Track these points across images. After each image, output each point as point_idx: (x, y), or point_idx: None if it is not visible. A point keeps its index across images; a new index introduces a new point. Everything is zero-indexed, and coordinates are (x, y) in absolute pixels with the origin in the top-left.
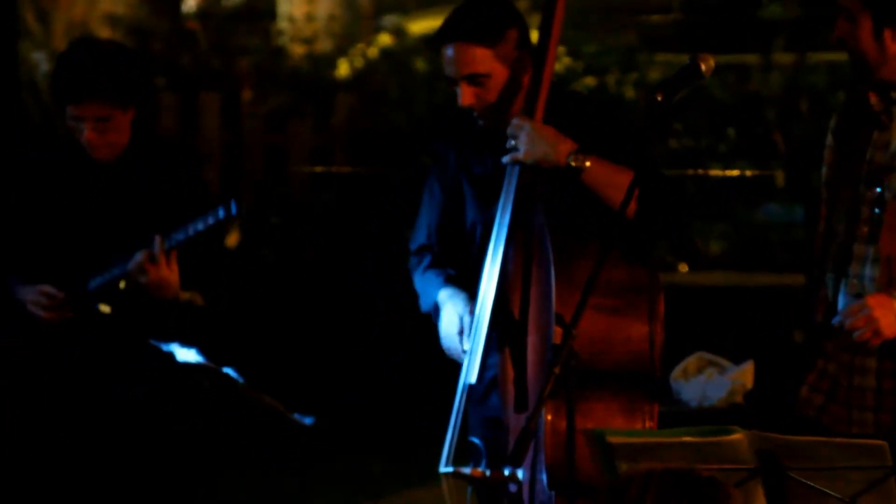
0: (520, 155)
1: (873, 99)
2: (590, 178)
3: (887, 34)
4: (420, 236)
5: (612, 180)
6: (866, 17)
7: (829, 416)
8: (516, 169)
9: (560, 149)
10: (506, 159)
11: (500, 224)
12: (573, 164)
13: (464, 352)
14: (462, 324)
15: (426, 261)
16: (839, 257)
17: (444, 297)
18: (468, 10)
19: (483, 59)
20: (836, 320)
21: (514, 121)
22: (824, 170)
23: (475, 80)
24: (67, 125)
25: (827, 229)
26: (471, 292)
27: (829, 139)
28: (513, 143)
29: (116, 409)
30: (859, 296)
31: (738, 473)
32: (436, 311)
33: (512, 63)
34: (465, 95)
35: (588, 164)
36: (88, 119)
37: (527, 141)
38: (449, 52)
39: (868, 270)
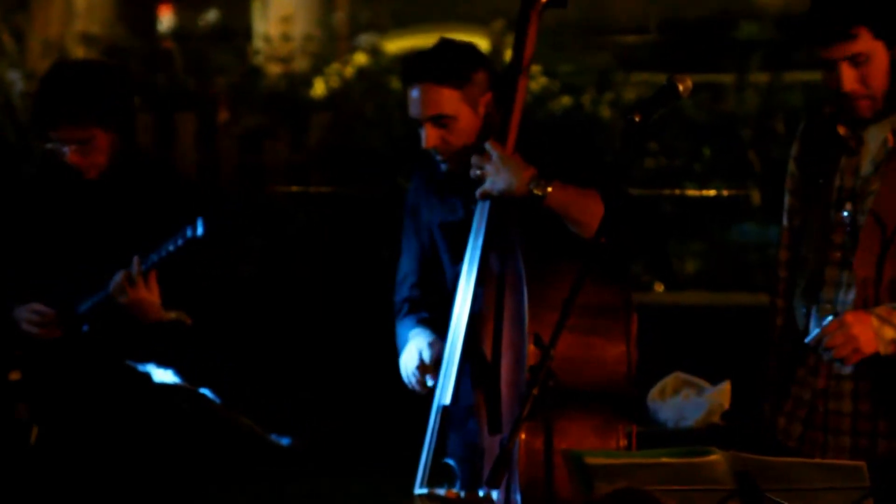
0: (487, 188)
1: (841, 129)
2: (553, 202)
3: None
4: (403, 288)
5: (576, 204)
6: (879, 47)
7: (808, 444)
8: (487, 203)
9: (523, 176)
10: (477, 193)
11: (472, 254)
12: (535, 191)
13: (424, 384)
14: (421, 356)
15: (405, 309)
16: (810, 283)
17: (411, 335)
18: (436, 53)
19: (449, 100)
20: (809, 339)
21: (486, 145)
22: (787, 198)
23: (440, 121)
24: (49, 149)
25: (792, 256)
26: (443, 334)
27: (792, 167)
28: (477, 173)
29: (93, 429)
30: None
31: (717, 494)
32: None
33: (479, 107)
34: (430, 137)
35: (550, 189)
36: (69, 142)
37: (493, 172)
38: (415, 92)
39: (842, 295)
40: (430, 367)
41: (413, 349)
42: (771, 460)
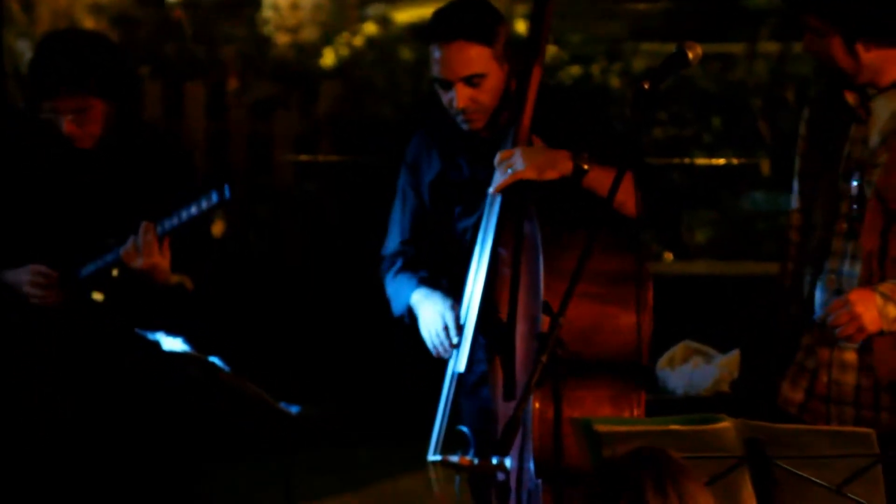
0: (523, 171)
1: (850, 96)
2: (593, 179)
3: (859, 47)
4: (393, 242)
5: (610, 179)
6: (835, 33)
7: (809, 413)
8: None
9: (563, 153)
10: (493, 188)
11: (487, 221)
12: (582, 164)
13: (453, 347)
14: (444, 320)
15: (398, 264)
16: (817, 252)
17: (419, 297)
18: (459, 9)
19: (481, 58)
20: (817, 316)
21: (497, 158)
22: (798, 161)
23: (471, 80)
24: (43, 118)
25: (804, 222)
26: (449, 293)
27: (803, 129)
28: (509, 170)
29: (103, 397)
30: (838, 292)
31: (726, 462)
32: (409, 312)
33: (504, 63)
34: (461, 97)
35: (586, 166)
36: (65, 112)
37: (524, 159)
38: (443, 52)
39: (846, 267)
40: (457, 330)
41: (434, 313)
42: (780, 427)
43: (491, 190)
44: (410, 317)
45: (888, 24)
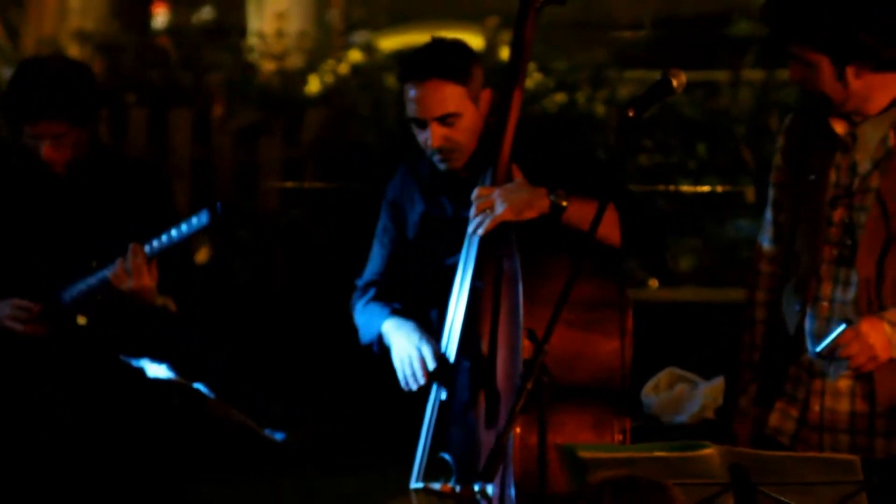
0: (502, 213)
1: (837, 125)
2: (572, 215)
3: (849, 73)
4: (369, 273)
5: (590, 213)
6: (824, 61)
7: (802, 444)
8: (476, 238)
9: (539, 191)
10: (472, 229)
11: (467, 256)
12: (559, 202)
13: (428, 376)
14: (420, 351)
15: (370, 294)
16: (804, 280)
17: (391, 327)
18: (433, 49)
19: (455, 97)
20: (820, 349)
21: (475, 193)
22: (773, 191)
23: (446, 120)
24: (23, 142)
25: (780, 251)
26: (439, 326)
27: (778, 160)
28: (488, 212)
29: (86, 424)
30: (830, 319)
31: (710, 488)
32: (379, 341)
33: (479, 102)
34: (436, 137)
35: (564, 203)
36: (45, 137)
37: (503, 201)
38: (417, 91)
39: (839, 293)
40: (434, 359)
41: (407, 343)
42: (764, 454)
43: (470, 230)
44: (380, 346)
45: (879, 48)
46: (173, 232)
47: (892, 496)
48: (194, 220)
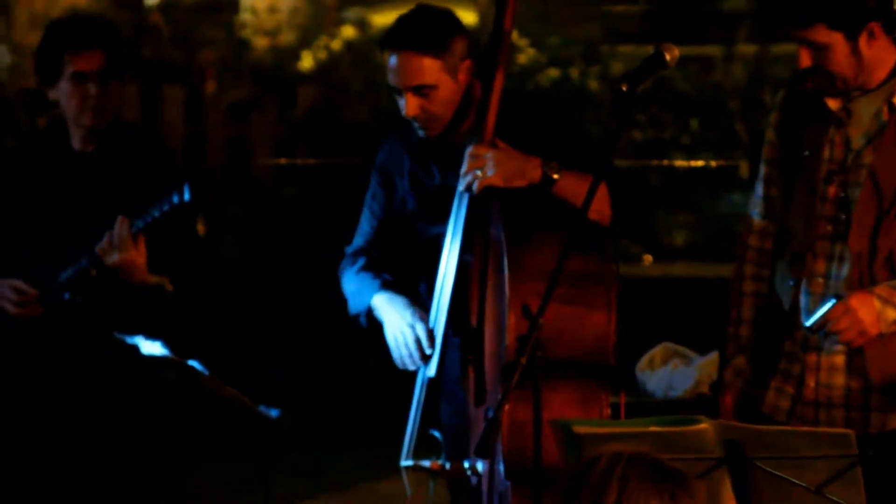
0: (491, 177)
1: (832, 101)
2: (563, 187)
3: (862, 43)
4: (358, 240)
5: (581, 187)
6: (837, 38)
7: (797, 419)
8: (466, 196)
9: (532, 163)
10: (463, 186)
11: (455, 225)
12: (550, 174)
13: (425, 359)
14: (416, 332)
15: (360, 262)
16: (798, 255)
17: (382, 301)
18: (414, 19)
19: (430, 69)
20: (811, 322)
21: (470, 150)
22: (764, 167)
23: (421, 91)
24: (52, 99)
25: (771, 226)
26: (428, 297)
27: (771, 136)
28: (479, 172)
29: (82, 402)
30: (825, 295)
31: (705, 463)
32: (368, 314)
33: (458, 74)
34: (410, 106)
35: (556, 175)
36: (92, 75)
37: (495, 164)
38: (394, 60)
39: (835, 269)
40: (429, 341)
41: (402, 323)
42: (759, 429)
43: (460, 188)
44: (368, 318)
45: (890, 5)
46: (154, 210)
47: (887, 470)
48: (165, 203)
